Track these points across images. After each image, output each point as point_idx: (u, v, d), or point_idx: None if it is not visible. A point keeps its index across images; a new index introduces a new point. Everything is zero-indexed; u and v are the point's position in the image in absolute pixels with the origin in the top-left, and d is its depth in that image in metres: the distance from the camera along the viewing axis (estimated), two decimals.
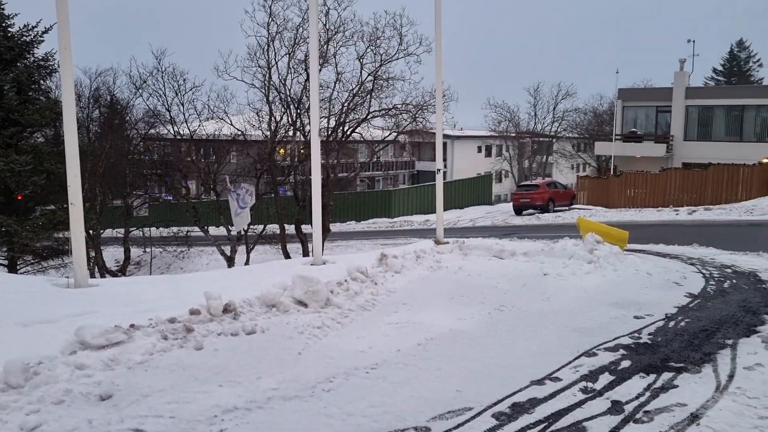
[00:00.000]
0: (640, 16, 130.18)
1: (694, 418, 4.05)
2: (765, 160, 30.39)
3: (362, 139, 20.73)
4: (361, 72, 18.87)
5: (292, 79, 18.63)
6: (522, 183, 39.25)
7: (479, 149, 61.93)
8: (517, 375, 4.82)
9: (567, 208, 32.99)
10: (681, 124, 36.64)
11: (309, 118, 11.72)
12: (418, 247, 9.45)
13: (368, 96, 19.00)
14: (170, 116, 20.36)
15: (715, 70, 78.23)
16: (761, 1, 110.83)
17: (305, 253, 18.49)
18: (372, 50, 18.63)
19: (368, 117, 19.32)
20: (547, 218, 29.01)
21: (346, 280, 6.93)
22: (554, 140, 58.65)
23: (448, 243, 10.14)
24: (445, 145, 57.43)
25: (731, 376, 4.82)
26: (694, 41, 39.13)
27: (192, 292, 6.15)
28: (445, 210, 38.48)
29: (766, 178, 28.96)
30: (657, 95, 38.85)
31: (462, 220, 32.19)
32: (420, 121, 19.89)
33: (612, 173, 35.96)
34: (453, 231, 25.30)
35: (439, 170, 10.83)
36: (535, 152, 58.88)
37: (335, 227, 32.33)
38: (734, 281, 8.87)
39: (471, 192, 42.96)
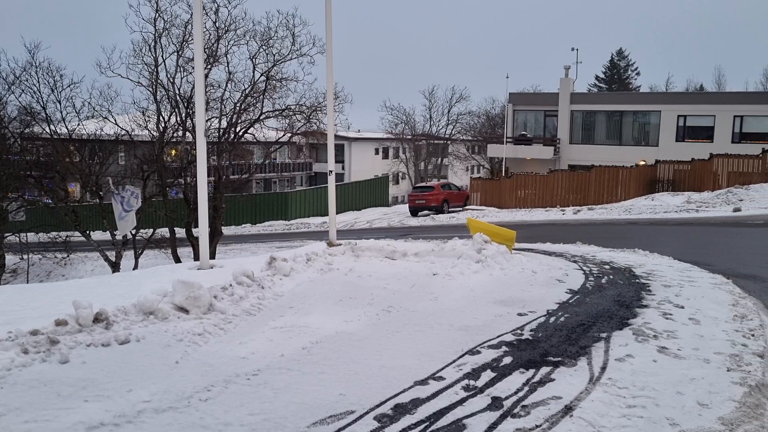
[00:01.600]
0: (529, 22, 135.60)
1: (567, 410, 4.18)
2: (642, 163, 32.35)
3: (256, 140, 20.36)
4: (253, 72, 18.55)
5: (181, 78, 18.05)
6: (418, 185, 39.88)
7: (377, 151, 62.45)
8: (401, 376, 4.81)
9: (461, 208, 33.83)
10: (567, 127, 38.44)
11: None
12: (310, 250, 9.33)
13: (261, 96, 18.69)
14: (46, 114, 19.19)
15: (597, 77, 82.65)
16: (640, 14, 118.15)
17: (196, 257, 17.91)
18: (265, 50, 18.36)
19: (261, 118, 19.00)
20: (442, 219, 29.60)
21: (231, 285, 6.72)
22: (449, 143, 60.03)
23: (340, 245, 10.08)
24: (342, 146, 57.63)
25: (604, 368, 5.02)
26: (577, 49, 41.35)
27: (63, 301, 5.77)
28: (342, 212, 38.73)
29: (643, 180, 30.83)
30: (545, 100, 40.58)
31: (359, 222, 32.30)
32: (314, 122, 19.79)
33: (504, 175, 37.18)
34: (350, 233, 25.33)
35: (331, 172, 10.75)
36: (430, 154, 60.05)
37: (230, 230, 31.63)
38: (611, 277, 9.31)
39: (368, 194, 43.21)
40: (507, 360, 5.25)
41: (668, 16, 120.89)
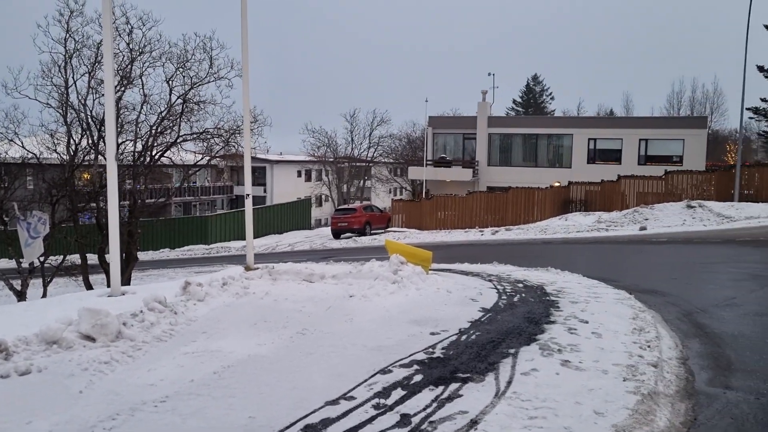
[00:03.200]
0: (447, 46, 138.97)
1: (473, 423, 4.31)
2: (556, 184, 33.57)
3: (173, 164, 19.97)
4: (170, 94, 18.25)
5: (93, 100, 17.54)
6: (340, 207, 40.03)
7: (299, 173, 62.35)
8: (312, 397, 4.83)
9: (383, 230, 34.11)
10: (485, 150, 39.52)
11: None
12: (227, 274, 9.23)
13: (178, 119, 18.39)
14: None
15: (514, 101, 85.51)
16: (554, 41, 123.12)
17: (109, 284, 17.31)
18: (181, 72, 18.10)
19: (179, 141, 18.68)
20: (364, 241, 29.76)
21: (141, 311, 6.58)
22: (371, 165, 60.54)
23: (258, 269, 10.01)
24: (264, 169, 57.20)
25: (509, 382, 5.20)
26: (494, 74, 42.60)
27: None
28: (264, 235, 38.27)
29: (557, 200, 31.99)
30: (464, 123, 41.64)
31: (281, 245, 32.05)
32: (233, 145, 19.61)
33: (425, 197, 37.78)
34: (271, 256, 25.10)
35: (248, 195, 10.70)
36: (353, 176, 60.35)
37: (147, 255, 30.75)
38: (524, 295, 9.62)
39: (291, 216, 42.99)
40: (417, 378, 5.36)
41: (580, 43, 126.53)
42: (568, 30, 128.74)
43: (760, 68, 31.08)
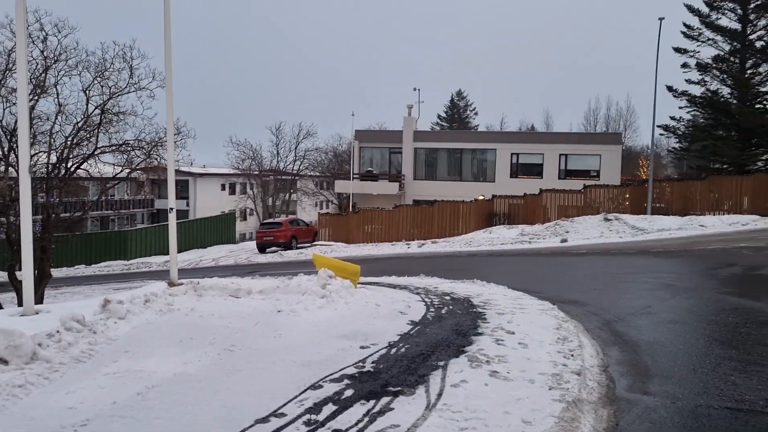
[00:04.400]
0: (372, 60, 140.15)
1: None
2: (480, 197, 34.24)
3: (90, 176, 19.24)
4: (87, 104, 17.61)
5: (4, 109, 16.74)
6: (266, 221, 39.50)
7: (223, 187, 61.29)
8: (242, 415, 4.73)
9: (310, 244, 33.89)
10: (411, 164, 39.94)
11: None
12: (149, 290, 8.94)
13: (96, 130, 17.75)
14: None
15: (439, 116, 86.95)
16: (477, 56, 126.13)
17: (21, 303, 16.47)
18: (100, 82, 17.51)
19: (96, 153, 18.03)
20: (290, 255, 29.48)
21: (58, 331, 6.28)
22: (297, 178, 60.17)
23: (182, 284, 9.74)
24: (186, 182, 55.93)
25: (440, 395, 5.24)
26: (419, 89, 43.24)
27: None
28: (187, 250, 37.23)
29: (482, 213, 32.62)
30: (390, 137, 41.97)
31: (205, 260, 31.33)
32: (155, 158, 19.08)
33: (351, 210, 37.81)
34: (195, 271, 24.50)
35: (172, 209, 10.41)
36: (278, 190, 59.80)
37: (61, 272, 29.46)
38: (451, 307, 9.73)
39: (215, 230, 42.12)
40: (349, 392, 5.33)
41: (502, 60, 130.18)
42: (490, 47, 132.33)
43: (669, 88, 32.75)
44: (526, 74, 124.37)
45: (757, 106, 32.07)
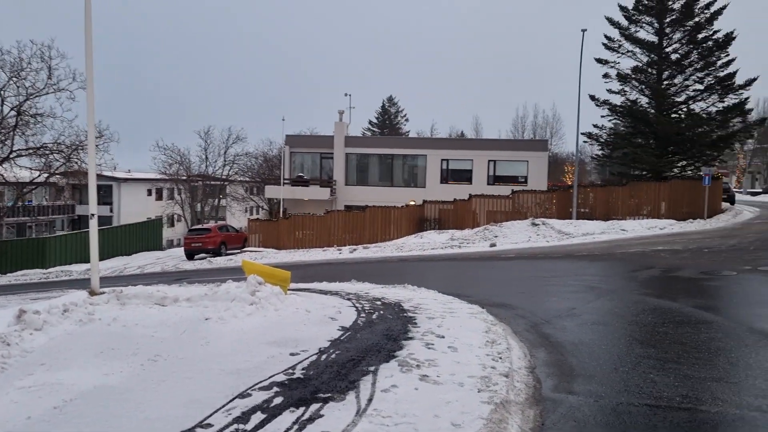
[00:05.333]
0: (304, 66, 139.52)
1: None
2: (411, 203, 34.52)
3: (5, 181, 18.37)
4: (2, 105, 16.82)
5: None
6: (194, 227, 38.66)
7: (149, 192, 59.64)
8: (166, 427, 4.58)
9: (240, 251, 33.38)
10: (342, 169, 39.91)
11: None
12: (68, 300, 8.58)
13: (12, 132, 16.96)
14: None
15: (370, 122, 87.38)
16: (408, 63, 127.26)
17: None
18: (16, 82, 16.75)
19: (12, 156, 17.22)
20: (219, 262, 28.93)
21: None
22: (226, 183, 59.16)
23: (104, 293, 9.40)
24: (110, 187, 54.16)
25: (370, 400, 5.23)
26: (350, 95, 43.35)
27: None
28: (111, 257, 36.01)
29: (413, 219, 32.89)
30: (321, 143, 41.83)
31: (129, 268, 30.37)
32: (76, 162, 18.37)
33: (282, 216, 37.44)
34: (119, 279, 23.72)
35: (93, 215, 10.04)
36: (207, 195, 58.64)
37: None
38: (382, 312, 9.74)
39: (140, 237, 40.86)
40: (278, 400, 5.24)
41: (433, 66, 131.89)
42: (421, 54, 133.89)
43: (592, 97, 33.91)
44: (455, 81, 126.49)
45: (673, 115, 33.55)
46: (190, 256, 32.11)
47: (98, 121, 15.65)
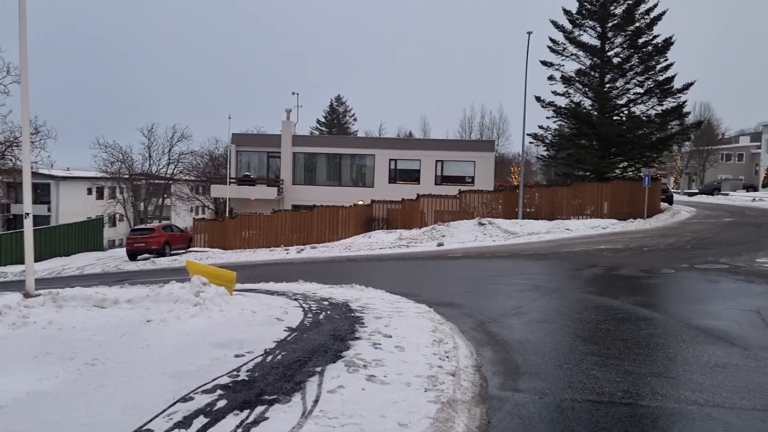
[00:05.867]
0: (251, 63, 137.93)
1: None
2: (359, 203, 34.47)
3: None
4: None
5: None
6: (137, 227, 37.71)
7: (90, 191, 58.00)
8: None
9: (184, 251, 32.75)
10: (290, 169, 39.59)
11: None
12: (1, 303, 8.22)
13: None
14: None
15: (319, 121, 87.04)
16: (356, 62, 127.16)
17: None
18: None
19: None
20: (163, 262, 28.32)
21: None
22: (171, 182, 57.94)
23: (39, 295, 9.04)
24: (48, 186, 52.44)
25: (316, 401, 5.16)
26: (298, 94, 42.97)
27: None
28: (48, 257, 34.84)
29: (361, 218, 32.85)
30: (268, 141, 41.40)
31: (68, 269, 29.45)
32: (10, 159, 17.68)
33: (228, 216, 36.89)
34: (56, 281, 22.95)
35: (27, 215, 9.66)
36: (151, 195, 57.32)
37: None
38: (329, 312, 9.66)
39: (80, 237, 39.67)
40: (221, 403, 5.12)
41: (382, 66, 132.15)
42: (370, 53, 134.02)
43: (538, 99, 34.51)
44: (404, 81, 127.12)
45: (615, 117, 34.44)
46: (132, 256, 31.32)
47: (34, 117, 15.11)
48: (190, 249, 33.33)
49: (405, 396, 5.29)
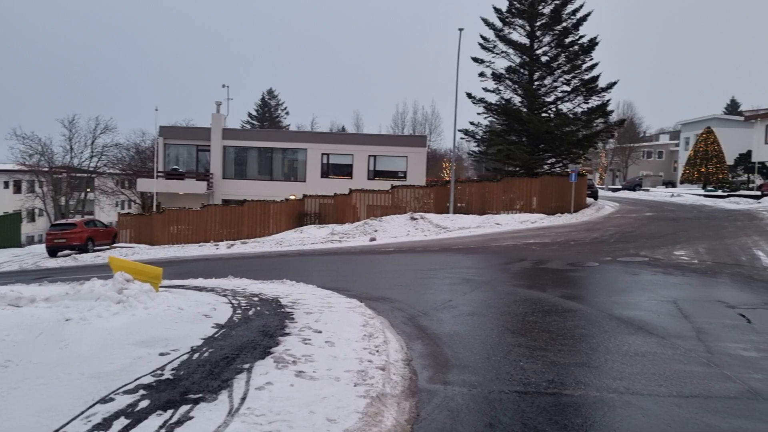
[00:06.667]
0: (180, 55, 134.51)
1: None
2: (292, 197, 34.16)
3: None
4: None
5: None
6: (57, 222, 36.19)
7: (6, 185, 55.42)
8: None
9: (109, 247, 31.75)
10: (220, 162, 38.84)
11: None
12: None
13: None
14: None
15: (250, 115, 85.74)
16: (288, 56, 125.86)
17: None
18: None
19: None
20: (86, 259, 27.35)
21: None
22: (94, 176, 55.89)
23: None
24: None
25: (243, 399, 5.05)
26: (228, 86, 42.14)
27: None
28: None
29: (293, 213, 32.56)
30: (197, 134, 40.49)
31: None
32: None
33: (155, 210, 35.90)
34: None
35: None
36: (73, 189, 55.12)
37: None
38: (259, 308, 9.51)
39: None
40: (144, 404, 4.95)
41: (314, 61, 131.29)
42: (302, 47, 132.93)
43: (469, 95, 34.96)
44: (337, 76, 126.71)
45: (543, 114, 35.23)
46: (52, 253, 30.09)
47: None
48: (115, 245, 32.28)
49: (334, 391, 5.25)
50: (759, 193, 42.59)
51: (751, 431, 4.89)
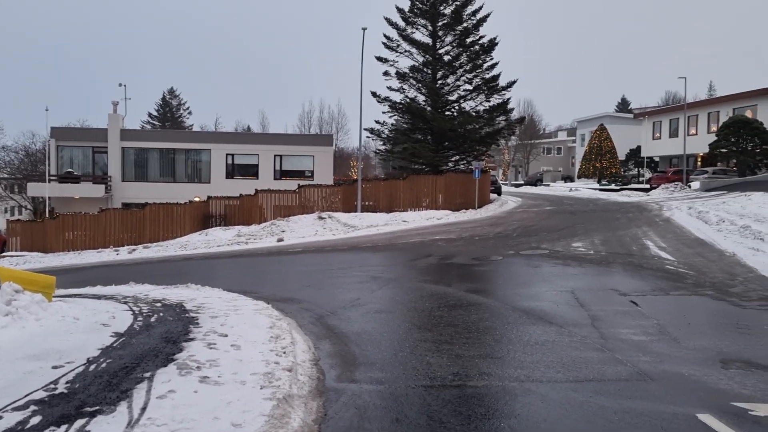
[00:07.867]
0: (71, 52, 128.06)
1: None
2: (196, 199, 33.28)
3: None
4: None
5: None
6: None
7: None
8: None
9: None
10: (118, 165, 37.37)
11: None
12: None
13: None
14: None
15: (150, 115, 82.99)
16: (189, 54, 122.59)
17: None
18: None
19: None
20: None
21: None
22: None
23: None
24: None
25: (144, 409, 4.87)
26: (125, 85, 40.64)
27: None
28: None
29: (197, 216, 31.72)
30: (93, 136, 38.82)
31: None
32: None
33: (48, 216, 34.09)
34: None
35: None
36: None
37: None
38: (162, 314, 9.21)
39: None
40: (35, 420, 4.68)
41: (218, 59, 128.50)
42: (204, 45, 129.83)
43: (374, 94, 35.21)
44: (240, 75, 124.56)
45: (447, 113, 35.98)
46: None
47: None
48: (4, 254, 30.40)
49: (240, 395, 5.15)
50: (648, 186, 45.17)
51: (639, 410, 5.18)
